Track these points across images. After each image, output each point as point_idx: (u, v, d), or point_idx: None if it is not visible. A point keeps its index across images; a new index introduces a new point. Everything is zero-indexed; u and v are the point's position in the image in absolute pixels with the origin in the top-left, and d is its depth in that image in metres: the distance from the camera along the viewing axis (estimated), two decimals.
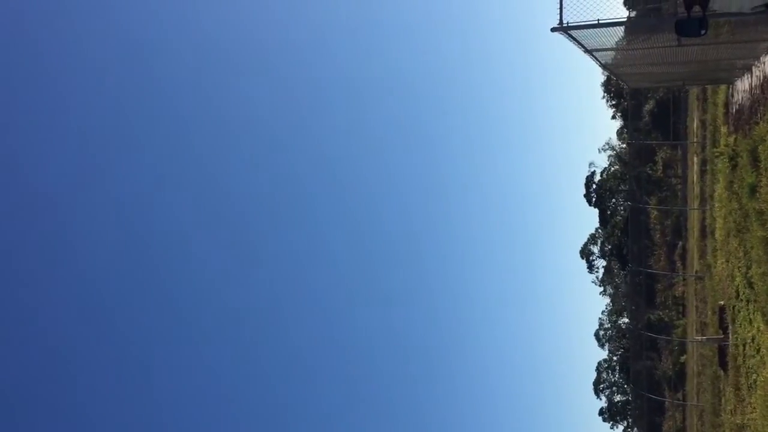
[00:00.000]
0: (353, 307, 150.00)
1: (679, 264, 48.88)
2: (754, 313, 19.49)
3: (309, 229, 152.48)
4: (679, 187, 50.19)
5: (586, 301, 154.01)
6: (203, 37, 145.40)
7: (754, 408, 19.07)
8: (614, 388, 75.03)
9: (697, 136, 39.51)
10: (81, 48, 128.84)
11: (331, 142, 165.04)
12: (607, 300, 76.20)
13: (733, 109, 24.33)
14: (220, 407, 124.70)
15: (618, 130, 70.35)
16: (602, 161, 70.37)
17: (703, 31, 11.66)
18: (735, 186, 22.20)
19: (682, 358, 45.53)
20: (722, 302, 25.58)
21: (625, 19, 15.58)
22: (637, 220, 52.96)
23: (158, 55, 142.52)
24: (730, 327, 23.78)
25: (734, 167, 22.46)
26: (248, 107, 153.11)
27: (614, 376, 74.52)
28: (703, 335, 31.53)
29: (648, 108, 53.82)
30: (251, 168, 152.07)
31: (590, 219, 74.00)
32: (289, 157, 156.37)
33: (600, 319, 76.55)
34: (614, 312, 74.38)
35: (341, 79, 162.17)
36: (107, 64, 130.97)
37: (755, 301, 19.22)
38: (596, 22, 14.03)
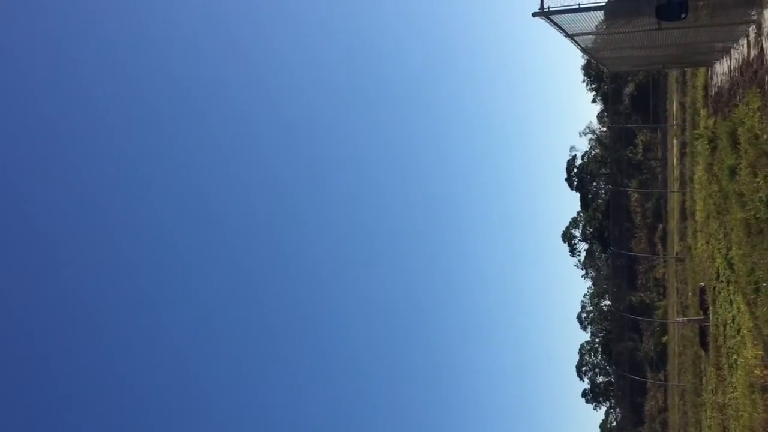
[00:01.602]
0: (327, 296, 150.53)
1: (659, 246, 49.31)
2: (734, 294, 19.69)
3: (300, 230, 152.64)
4: (659, 169, 50.53)
5: (569, 284, 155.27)
6: (201, 37, 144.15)
7: (735, 387, 19.30)
8: (597, 370, 75.79)
9: (676, 119, 39.74)
10: (82, 49, 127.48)
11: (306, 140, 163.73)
12: (589, 283, 76.85)
13: (712, 91, 24.46)
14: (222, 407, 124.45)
15: (598, 114, 70.61)
16: (583, 145, 70.79)
17: (683, 15, 11.67)
18: (715, 168, 22.34)
19: (664, 339, 46.05)
20: (703, 283, 25.83)
21: (604, 3, 15.56)
22: (618, 203, 53.31)
23: (158, 55, 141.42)
24: (711, 308, 24.04)
25: (714, 149, 22.60)
26: (249, 108, 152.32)
27: (596, 358, 75.22)
28: (684, 316, 31.86)
29: (628, 91, 54.03)
30: (250, 168, 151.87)
31: (572, 203, 74.54)
32: (281, 157, 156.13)
33: (582, 301, 77.25)
34: (596, 294, 74.96)
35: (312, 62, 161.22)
36: (106, 65, 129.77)
37: (736, 282, 19.40)
38: (577, 6, 14.00)
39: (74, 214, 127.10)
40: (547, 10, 13.85)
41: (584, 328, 76.84)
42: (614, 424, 73.91)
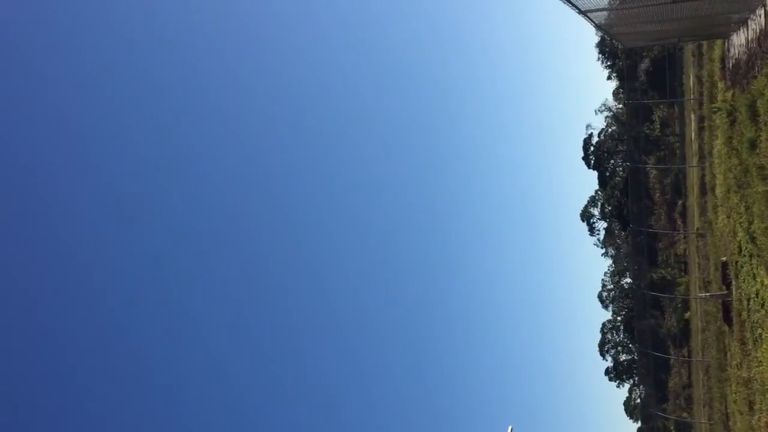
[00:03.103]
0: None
1: (679, 222, 48.93)
2: (757, 268, 19.53)
3: (308, 230, 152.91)
4: (678, 145, 50.05)
5: (588, 263, 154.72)
6: (202, 37, 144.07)
7: (761, 362, 19.21)
8: (619, 348, 75.63)
9: (693, 93, 39.28)
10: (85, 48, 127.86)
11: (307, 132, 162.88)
12: (609, 261, 76.49)
13: (729, 63, 24.14)
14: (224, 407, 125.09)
15: (614, 91, 69.92)
16: (599, 123, 70.09)
17: None
18: (734, 141, 22.11)
19: (686, 315, 45.80)
20: (725, 258, 25.63)
21: None
22: (637, 180, 52.88)
23: (161, 55, 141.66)
24: (734, 282, 23.85)
25: (733, 122, 22.35)
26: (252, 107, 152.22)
27: (619, 336, 75.03)
28: (706, 292, 31.64)
29: (643, 67, 53.43)
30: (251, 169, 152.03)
31: (589, 181, 74.16)
32: (285, 155, 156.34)
33: (603, 280, 76.92)
34: (616, 273, 74.63)
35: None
36: (109, 64, 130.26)
37: (758, 255, 19.25)
38: None
39: (81, 215, 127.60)
40: None
41: (605, 306, 76.62)
42: (638, 401, 73.79)
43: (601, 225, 73.85)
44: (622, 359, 75.70)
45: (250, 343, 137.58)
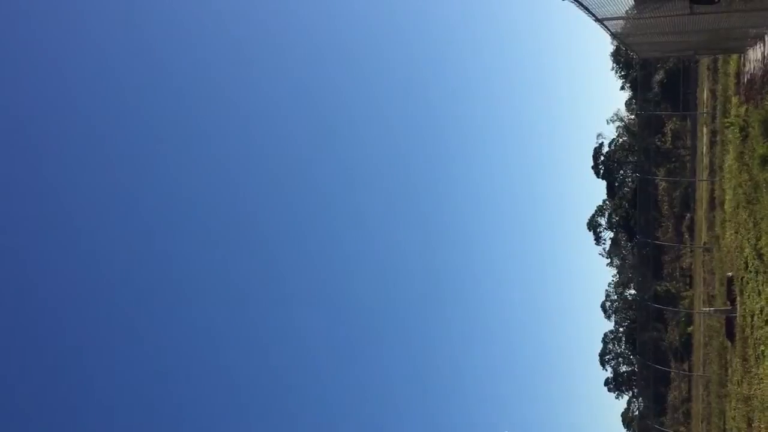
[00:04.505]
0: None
1: (686, 235, 48.74)
2: (763, 285, 19.44)
3: (309, 230, 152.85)
4: (688, 158, 49.85)
5: (593, 273, 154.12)
6: (207, 37, 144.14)
7: (762, 379, 19.11)
8: (620, 359, 75.40)
9: (707, 107, 39.11)
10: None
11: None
12: (614, 271, 76.22)
13: (744, 78, 24.03)
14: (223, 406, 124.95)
15: (627, 101, 69.68)
16: (610, 133, 69.83)
17: None
18: (745, 157, 22.00)
19: (689, 329, 45.61)
20: (730, 274, 25.51)
21: None
22: (645, 191, 52.74)
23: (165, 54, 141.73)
24: (738, 298, 23.74)
25: (745, 138, 22.24)
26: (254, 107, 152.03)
27: (620, 347, 74.80)
28: (710, 306, 31.51)
29: (658, 78, 53.24)
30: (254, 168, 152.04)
31: (598, 191, 73.87)
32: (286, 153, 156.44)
33: (606, 290, 76.64)
34: (621, 283, 74.39)
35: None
36: (115, 63, 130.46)
37: (764, 272, 19.16)
38: None
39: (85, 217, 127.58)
40: None
41: (608, 317, 76.35)
42: (636, 413, 73.56)
43: (608, 235, 73.68)
44: (622, 370, 75.47)
45: (258, 347, 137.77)
